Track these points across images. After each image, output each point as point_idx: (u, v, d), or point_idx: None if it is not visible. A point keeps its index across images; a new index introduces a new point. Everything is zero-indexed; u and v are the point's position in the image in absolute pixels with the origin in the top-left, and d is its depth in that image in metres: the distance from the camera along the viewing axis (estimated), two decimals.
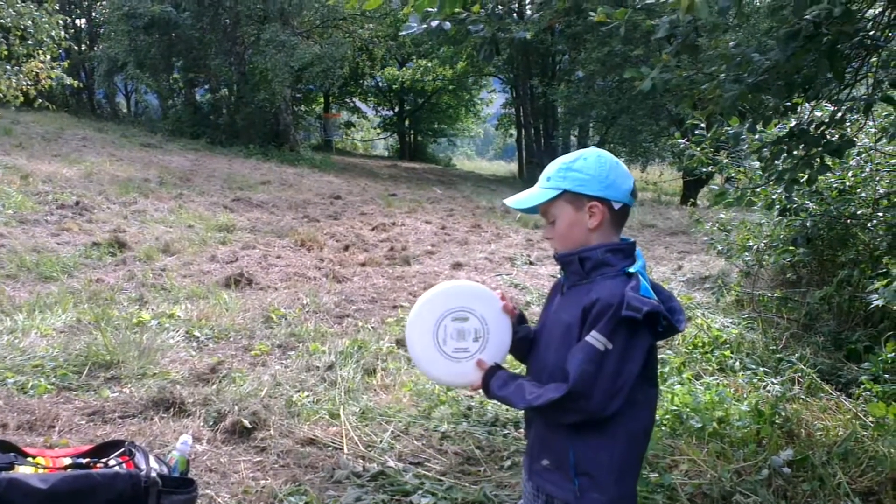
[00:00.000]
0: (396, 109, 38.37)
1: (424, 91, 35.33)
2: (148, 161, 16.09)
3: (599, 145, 25.68)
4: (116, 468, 2.50)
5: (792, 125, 4.40)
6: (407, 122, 38.59)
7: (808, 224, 6.28)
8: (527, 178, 27.34)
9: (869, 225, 6.12)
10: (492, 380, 2.07)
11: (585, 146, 26.75)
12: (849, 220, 6.25)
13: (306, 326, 5.92)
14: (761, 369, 4.99)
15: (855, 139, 4.41)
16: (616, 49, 19.27)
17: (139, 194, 11.75)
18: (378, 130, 41.43)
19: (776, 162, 4.30)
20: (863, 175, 6.08)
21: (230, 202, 12.54)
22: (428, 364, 2.12)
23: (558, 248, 2.11)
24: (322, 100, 35.78)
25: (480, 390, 2.11)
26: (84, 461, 2.56)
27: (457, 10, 3.86)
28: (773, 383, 4.68)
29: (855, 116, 4.91)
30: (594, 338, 1.89)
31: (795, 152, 4.29)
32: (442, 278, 8.16)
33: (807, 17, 3.33)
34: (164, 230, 9.56)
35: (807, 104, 4.49)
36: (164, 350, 5.03)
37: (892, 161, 6.02)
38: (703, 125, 7.10)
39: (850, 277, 5.93)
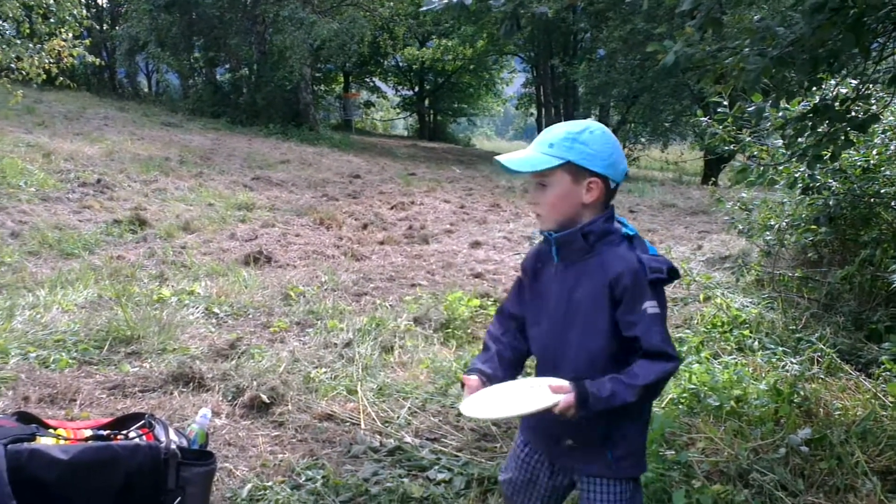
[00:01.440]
0: (416, 89, 38.23)
1: (445, 71, 35.17)
2: (168, 140, 16.17)
3: (620, 124, 25.53)
4: (136, 440, 2.53)
5: (816, 101, 4.33)
6: (427, 102, 38.45)
7: (830, 203, 6.20)
8: None
9: (893, 204, 6.04)
10: (586, 387, 1.91)
11: (607, 125, 26.60)
12: (872, 199, 6.17)
13: (324, 304, 5.93)
14: (780, 349, 4.94)
15: (880, 115, 4.33)
16: (639, 26, 19.07)
17: (160, 172, 11.81)
18: (398, 110, 41.32)
19: (799, 139, 4.24)
20: (888, 153, 5.99)
21: (250, 181, 12.58)
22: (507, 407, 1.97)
23: (544, 218, 2.07)
24: (342, 79, 35.73)
25: (572, 411, 1.90)
26: (105, 433, 2.60)
27: None
28: (791, 363, 4.65)
29: (881, 93, 4.83)
30: (651, 307, 1.93)
31: (819, 129, 4.23)
32: (460, 257, 8.17)
33: None
34: (184, 208, 9.62)
35: (831, 80, 4.42)
36: (183, 326, 5.07)
37: None
38: (725, 103, 7.01)
39: (873, 257, 5.86)
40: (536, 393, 1.94)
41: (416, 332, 5.35)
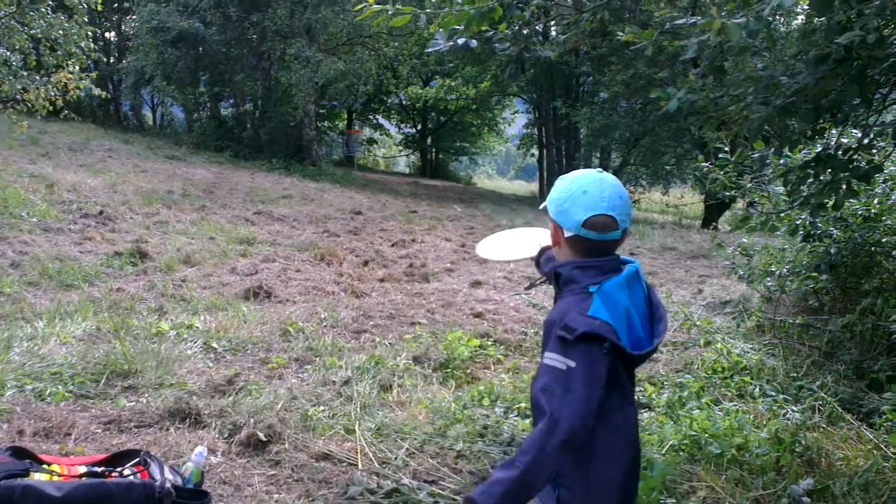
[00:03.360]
0: (419, 127, 38.51)
1: (448, 109, 35.43)
2: (172, 173, 16.25)
3: (621, 167, 25.66)
4: (131, 478, 2.51)
5: (818, 150, 4.35)
6: (429, 140, 38.70)
7: (831, 251, 6.21)
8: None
9: (894, 253, 6.05)
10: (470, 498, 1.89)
11: (607, 168, 26.79)
12: (873, 248, 6.17)
13: (324, 341, 5.91)
14: (781, 396, 4.92)
15: (883, 166, 4.35)
16: (641, 71, 19.27)
17: (162, 205, 11.85)
18: (400, 147, 41.57)
19: (801, 187, 4.26)
20: (889, 202, 6.01)
21: (252, 215, 12.61)
22: None
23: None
24: (345, 116, 36.01)
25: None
26: (99, 470, 2.57)
27: (483, 28, 3.89)
28: (793, 411, 4.62)
29: (882, 144, 4.86)
30: (549, 358, 1.91)
31: (822, 178, 4.25)
32: (460, 296, 8.14)
33: (837, 41, 3.30)
34: (185, 241, 9.62)
35: (834, 130, 4.45)
36: (181, 360, 5.04)
37: None
38: (727, 149, 7.06)
39: (874, 306, 5.84)
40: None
41: (416, 372, 5.33)
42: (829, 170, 4.27)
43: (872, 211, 6.27)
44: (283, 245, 10.40)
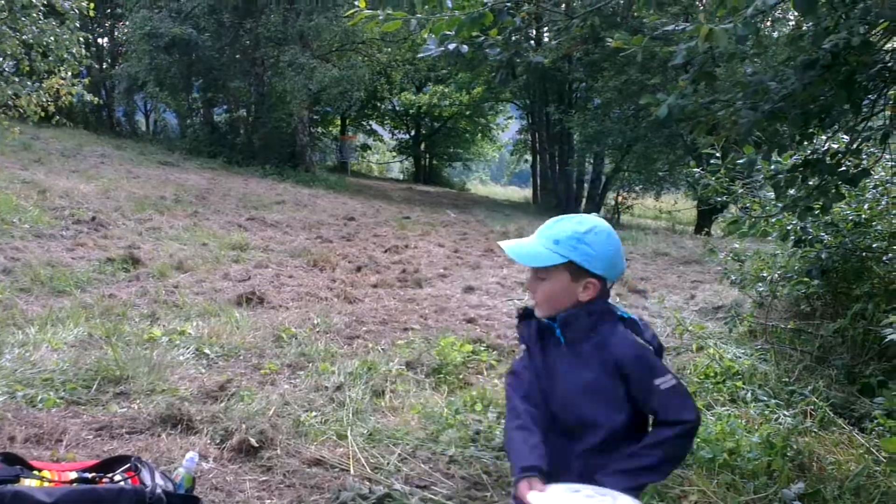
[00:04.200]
0: (413, 133, 38.53)
1: (441, 116, 35.48)
2: (165, 179, 16.22)
3: (614, 173, 25.71)
4: (122, 483, 2.50)
5: (807, 154, 4.38)
6: (423, 146, 38.71)
7: (822, 256, 6.24)
8: (541, 203, 27.28)
9: (884, 258, 6.07)
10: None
11: (600, 174, 26.84)
12: (864, 253, 6.20)
13: (316, 346, 5.90)
14: (773, 401, 4.91)
15: (871, 171, 4.37)
16: (633, 77, 19.34)
17: (155, 211, 11.83)
18: (394, 153, 41.58)
19: (790, 191, 4.28)
20: (879, 208, 6.04)
21: (245, 221, 12.59)
22: None
23: (538, 305, 2.16)
24: (339, 122, 36.02)
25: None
26: (90, 476, 2.56)
27: (474, 33, 3.90)
28: (785, 415, 4.62)
29: (872, 149, 4.89)
30: (663, 381, 2.05)
31: (811, 181, 4.27)
32: (453, 301, 8.15)
33: (825, 46, 3.33)
34: (178, 247, 9.60)
35: (823, 135, 4.47)
36: (173, 367, 5.02)
37: None
38: (718, 154, 7.08)
39: (865, 311, 5.86)
40: None
41: (408, 377, 5.32)
42: (818, 173, 4.29)
43: (863, 216, 6.29)
44: (276, 251, 10.38)
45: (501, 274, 10.17)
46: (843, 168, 4.20)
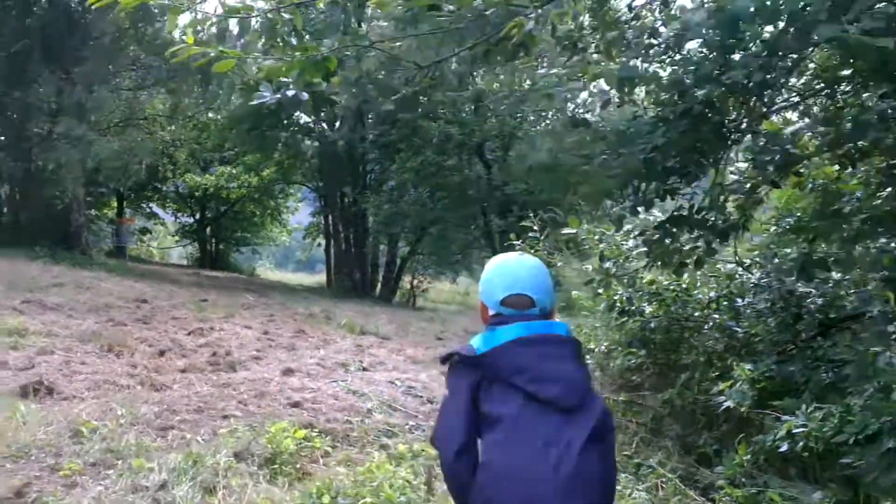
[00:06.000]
0: (197, 216, 36.83)
1: (229, 198, 34.24)
2: None
3: (410, 255, 25.82)
4: None
5: (673, 210, 4.39)
6: (208, 230, 37.06)
7: (652, 325, 6.34)
8: (335, 287, 26.36)
9: (704, 328, 6.23)
10: None
11: (395, 256, 26.78)
12: (683, 323, 6.35)
13: (125, 440, 5.19)
14: (623, 475, 4.80)
15: (741, 224, 4.43)
16: (430, 158, 19.71)
17: None
18: (176, 237, 39.42)
19: (666, 241, 4.25)
20: (698, 275, 6.22)
21: (19, 304, 11.04)
22: None
23: None
24: (115, 204, 33.62)
25: None
26: None
27: (315, 79, 3.62)
28: (637, 489, 4.55)
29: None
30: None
31: (684, 237, 4.26)
32: (273, 385, 7.53)
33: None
34: None
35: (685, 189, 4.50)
36: None
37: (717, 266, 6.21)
38: (535, 228, 7.08)
39: (691, 380, 5.95)
40: None
41: (240, 469, 4.79)
42: (687, 229, 4.29)
43: (683, 285, 6.46)
44: (62, 336, 9.13)
45: (319, 355, 9.68)
46: (712, 223, 4.22)
